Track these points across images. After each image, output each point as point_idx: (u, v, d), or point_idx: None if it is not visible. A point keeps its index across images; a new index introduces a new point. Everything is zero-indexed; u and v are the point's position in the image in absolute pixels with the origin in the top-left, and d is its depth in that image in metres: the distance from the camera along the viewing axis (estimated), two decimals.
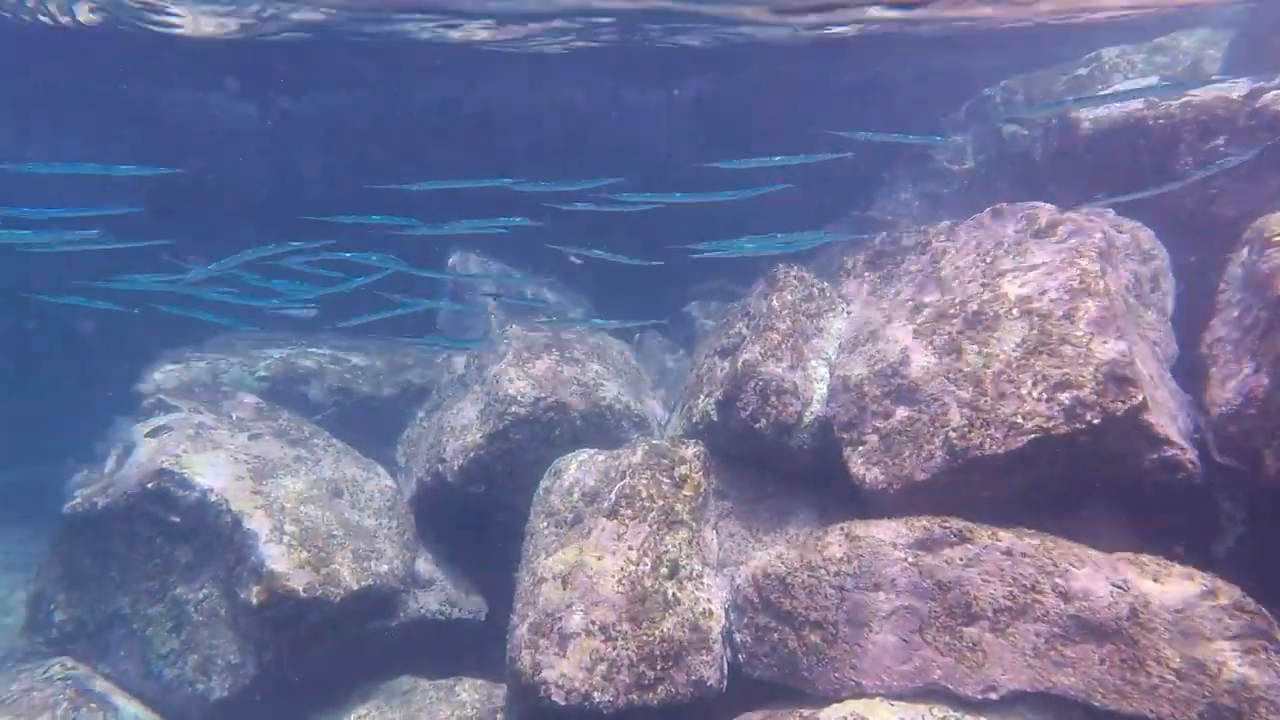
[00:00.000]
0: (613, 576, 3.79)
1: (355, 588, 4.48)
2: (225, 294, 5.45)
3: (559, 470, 4.78)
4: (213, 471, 4.87)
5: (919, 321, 4.00)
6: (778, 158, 4.96)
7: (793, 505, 4.47)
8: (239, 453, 5.13)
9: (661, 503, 4.04)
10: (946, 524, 3.21)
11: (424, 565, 5.21)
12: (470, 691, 4.34)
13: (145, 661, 4.66)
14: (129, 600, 4.83)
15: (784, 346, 4.38)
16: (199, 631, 4.58)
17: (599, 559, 3.89)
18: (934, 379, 3.74)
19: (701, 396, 4.67)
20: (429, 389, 6.68)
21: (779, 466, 4.47)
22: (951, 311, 3.84)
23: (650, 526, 3.95)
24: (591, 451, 4.80)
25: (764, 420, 4.28)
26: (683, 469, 4.20)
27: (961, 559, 3.08)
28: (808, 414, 4.28)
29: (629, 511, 4.02)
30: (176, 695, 4.54)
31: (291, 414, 6.35)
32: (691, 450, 4.27)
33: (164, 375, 6.87)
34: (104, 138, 7.87)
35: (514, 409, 5.07)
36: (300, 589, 4.33)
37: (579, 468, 4.71)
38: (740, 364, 4.40)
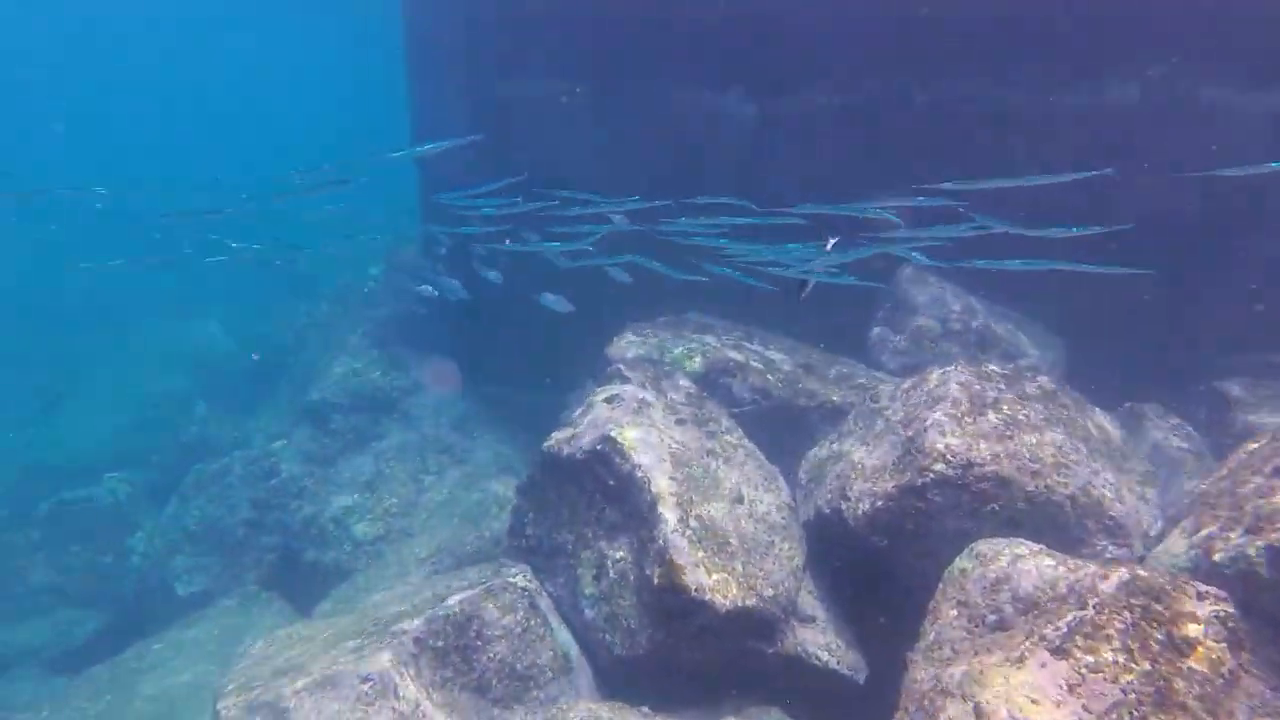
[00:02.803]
0: None
1: (740, 604, 4.29)
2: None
3: (983, 555, 3.81)
4: (644, 448, 5.19)
5: None
6: None
7: None
8: (666, 435, 5.39)
9: (1146, 666, 2.80)
10: None
11: (807, 599, 4.80)
12: None
13: (575, 595, 5.29)
14: (571, 539, 5.52)
15: None
16: (613, 587, 4.99)
17: (1033, 703, 2.90)
18: None
19: (1238, 529, 3.14)
20: (845, 409, 6.16)
21: None
22: None
23: (1123, 694, 2.77)
24: (1035, 548, 3.69)
25: None
26: (1185, 630, 2.86)
27: None
28: None
29: (1089, 659, 2.90)
30: (591, 637, 5.03)
31: (715, 404, 6.53)
32: (1206, 609, 2.88)
33: (626, 345, 7.73)
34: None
35: (937, 467, 4.21)
36: (692, 587, 4.32)
37: (1012, 564, 3.67)
38: None
